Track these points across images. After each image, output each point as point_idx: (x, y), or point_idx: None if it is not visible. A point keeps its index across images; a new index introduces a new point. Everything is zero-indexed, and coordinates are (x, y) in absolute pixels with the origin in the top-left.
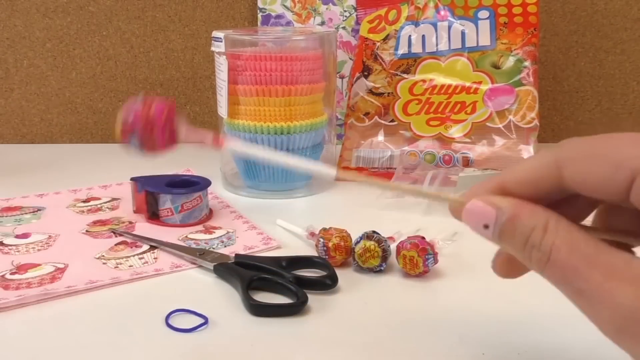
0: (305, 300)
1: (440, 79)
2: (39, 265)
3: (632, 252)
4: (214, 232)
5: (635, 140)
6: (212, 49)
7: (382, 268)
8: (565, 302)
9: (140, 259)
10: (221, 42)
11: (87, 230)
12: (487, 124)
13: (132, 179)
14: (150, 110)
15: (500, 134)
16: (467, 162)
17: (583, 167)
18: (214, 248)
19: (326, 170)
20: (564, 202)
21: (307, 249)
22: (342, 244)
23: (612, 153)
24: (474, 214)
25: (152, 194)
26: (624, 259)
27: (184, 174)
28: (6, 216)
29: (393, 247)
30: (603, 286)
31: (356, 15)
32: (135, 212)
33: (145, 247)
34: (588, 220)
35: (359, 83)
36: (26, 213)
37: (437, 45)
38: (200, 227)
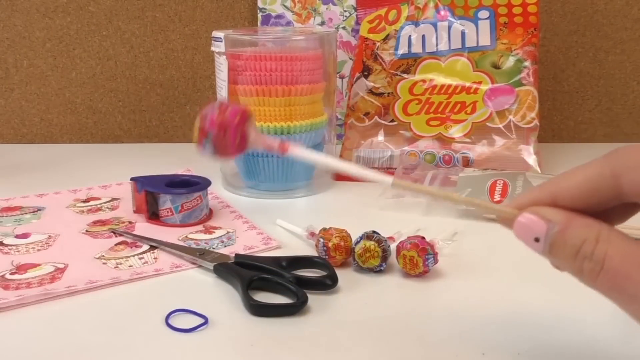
0: (305, 300)
1: (440, 79)
2: (39, 265)
3: None
4: (214, 232)
5: None
6: (212, 49)
7: (382, 268)
8: (564, 302)
9: (140, 259)
10: (221, 42)
11: (87, 230)
12: (487, 124)
13: (132, 179)
14: (224, 116)
15: (500, 134)
16: (467, 162)
17: None
18: (214, 248)
19: (383, 178)
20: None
21: (307, 249)
22: (342, 244)
23: None
24: (525, 227)
25: (152, 194)
26: None
27: (184, 174)
28: (6, 216)
29: (393, 247)
30: None
31: (356, 15)
32: (135, 212)
33: (145, 247)
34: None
35: (359, 83)
36: (26, 213)
37: (437, 45)
38: (200, 227)
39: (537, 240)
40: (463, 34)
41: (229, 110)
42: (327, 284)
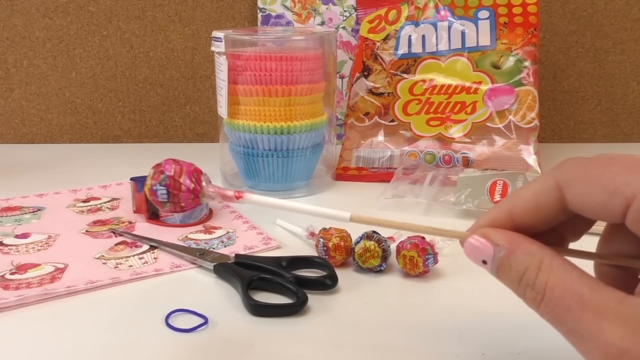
0: (305, 300)
1: (440, 79)
2: (39, 265)
3: (637, 278)
4: (214, 232)
5: (630, 165)
6: (212, 49)
7: (382, 268)
8: None
9: (140, 259)
10: (221, 42)
11: (87, 230)
12: (487, 124)
13: (132, 179)
14: (180, 163)
15: (500, 134)
16: (467, 162)
17: (581, 191)
18: (214, 248)
19: (341, 215)
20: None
21: (307, 249)
22: (342, 244)
23: (607, 179)
24: (474, 248)
25: None
26: (616, 298)
27: None
28: (6, 216)
29: (393, 247)
30: (594, 326)
31: (356, 15)
32: (135, 212)
33: (145, 247)
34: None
35: (359, 83)
36: (26, 213)
37: (437, 45)
38: (200, 227)
39: (484, 262)
40: (463, 34)
41: (184, 162)
42: (327, 284)
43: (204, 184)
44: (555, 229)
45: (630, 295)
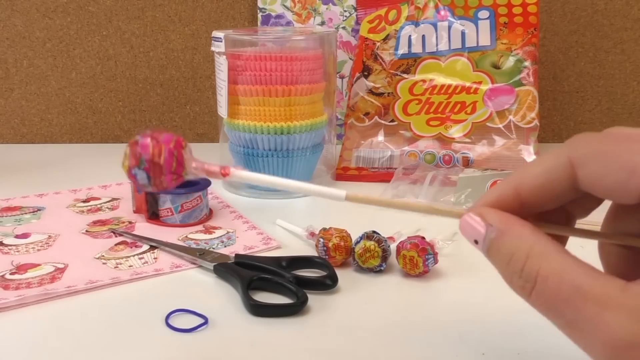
0: (305, 300)
1: (440, 79)
2: (39, 265)
3: None
4: (214, 232)
5: None
6: (212, 49)
7: (382, 268)
8: None
9: (140, 259)
10: (221, 42)
11: (87, 230)
12: (487, 124)
13: None
14: (157, 140)
15: (500, 134)
16: (467, 162)
17: (596, 169)
18: (214, 248)
19: (336, 193)
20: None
21: (307, 249)
22: (342, 244)
23: (626, 157)
24: (468, 226)
25: (152, 193)
26: (618, 286)
27: None
28: (6, 216)
29: (393, 247)
30: (597, 318)
31: (356, 15)
32: (135, 212)
33: (145, 247)
34: (593, 219)
35: (359, 83)
36: (26, 213)
37: (437, 45)
38: (200, 227)
39: (476, 242)
40: (463, 34)
41: (162, 136)
42: (327, 284)
43: (186, 159)
44: (562, 206)
45: (632, 283)
